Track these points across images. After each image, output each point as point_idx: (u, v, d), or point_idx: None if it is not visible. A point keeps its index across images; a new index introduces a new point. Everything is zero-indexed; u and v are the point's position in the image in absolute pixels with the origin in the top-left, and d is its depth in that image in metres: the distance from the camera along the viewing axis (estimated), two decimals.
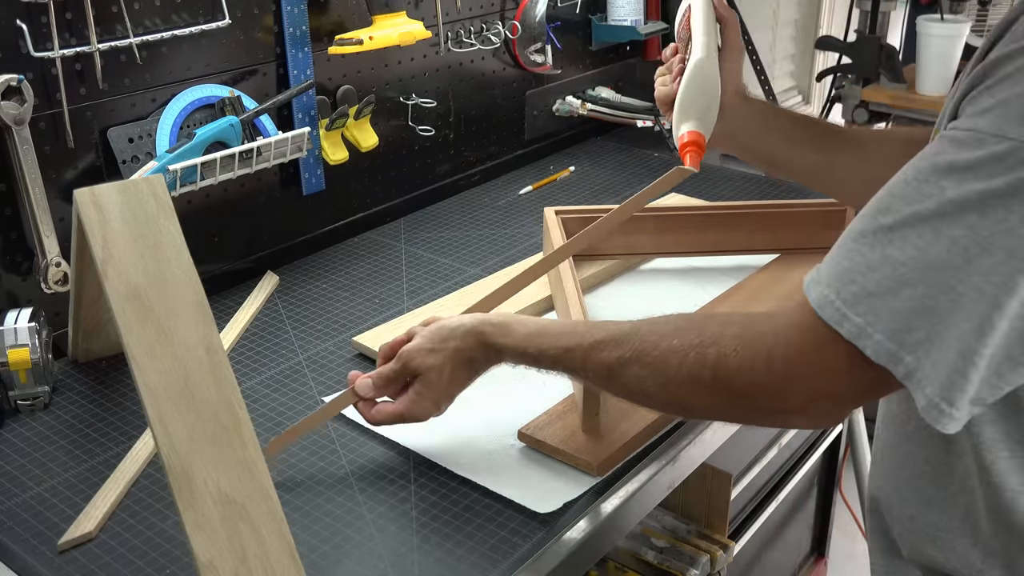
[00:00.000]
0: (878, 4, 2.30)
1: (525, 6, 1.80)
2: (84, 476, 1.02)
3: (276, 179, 1.49)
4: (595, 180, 1.84)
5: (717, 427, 1.11)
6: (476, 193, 1.80)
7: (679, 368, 0.78)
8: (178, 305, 0.84)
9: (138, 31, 1.23)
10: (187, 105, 1.31)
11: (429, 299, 1.35)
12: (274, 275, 1.46)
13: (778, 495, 1.54)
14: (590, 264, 1.40)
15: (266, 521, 0.78)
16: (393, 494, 0.98)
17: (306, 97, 1.46)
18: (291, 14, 1.41)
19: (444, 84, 1.72)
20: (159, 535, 0.93)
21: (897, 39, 2.64)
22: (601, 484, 0.99)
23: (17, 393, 1.11)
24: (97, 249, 0.84)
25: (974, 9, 2.46)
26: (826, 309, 0.69)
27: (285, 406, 1.13)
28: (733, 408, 0.79)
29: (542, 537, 0.92)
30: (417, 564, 0.89)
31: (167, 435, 0.78)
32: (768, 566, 1.64)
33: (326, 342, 1.27)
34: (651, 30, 2.02)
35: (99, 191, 0.87)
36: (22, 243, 1.20)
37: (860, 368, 0.68)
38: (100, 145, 1.25)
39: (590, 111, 1.99)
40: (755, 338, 0.74)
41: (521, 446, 1.04)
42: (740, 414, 0.83)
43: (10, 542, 0.93)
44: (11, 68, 1.12)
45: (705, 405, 0.80)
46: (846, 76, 2.41)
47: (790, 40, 3.46)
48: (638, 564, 1.24)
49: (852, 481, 2.07)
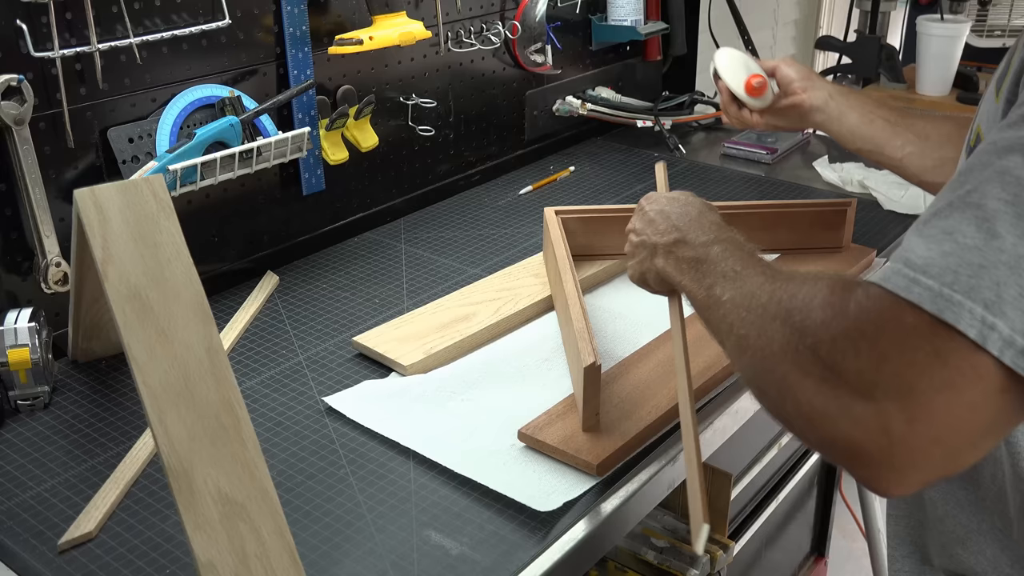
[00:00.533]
0: (878, 4, 2.30)
1: (525, 6, 1.80)
2: (84, 476, 1.02)
3: (276, 179, 1.49)
4: (595, 180, 1.84)
5: (717, 427, 1.11)
6: (476, 193, 1.80)
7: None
8: (178, 305, 0.84)
9: (138, 31, 1.23)
10: (187, 105, 1.31)
11: (429, 299, 1.35)
12: (274, 275, 1.46)
13: (778, 495, 1.54)
14: (590, 264, 1.40)
15: (266, 521, 0.78)
16: (393, 494, 0.98)
17: (306, 97, 1.46)
18: (291, 14, 1.41)
19: (444, 84, 1.72)
20: (159, 535, 0.93)
21: (897, 39, 2.65)
22: (601, 484, 0.99)
23: (17, 393, 1.11)
24: (97, 249, 0.84)
25: (974, 9, 2.46)
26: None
27: (285, 406, 1.13)
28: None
29: (542, 537, 0.92)
30: (417, 564, 0.89)
31: (167, 435, 0.78)
32: (768, 566, 1.64)
33: (326, 342, 1.27)
34: (651, 30, 2.02)
35: (99, 191, 0.87)
36: (22, 243, 1.20)
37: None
38: (100, 145, 1.25)
39: (590, 111, 1.99)
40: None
41: (521, 446, 1.04)
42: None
43: (10, 542, 0.93)
44: (11, 68, 1.12)
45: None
46: (846, 76, 2.41)
47: (790, 40, 3.46)
48: (638, 564, 1.24)
49: (852, 481, 2.07)
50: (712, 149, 2.02)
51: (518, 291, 1.34)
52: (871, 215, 1.61)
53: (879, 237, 1.54)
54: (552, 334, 1.26)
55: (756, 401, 0.69)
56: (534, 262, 1.44)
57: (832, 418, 0.58)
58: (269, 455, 1.03)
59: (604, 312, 1.31)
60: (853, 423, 0.57)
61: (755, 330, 0.67)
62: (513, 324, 1.29)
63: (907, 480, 0.58)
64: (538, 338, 1.26)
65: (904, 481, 0.58)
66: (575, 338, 1.07)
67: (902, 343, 0.56)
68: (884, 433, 0.56)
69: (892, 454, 0.56)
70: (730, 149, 1.97)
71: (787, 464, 1.60)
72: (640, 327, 1.26)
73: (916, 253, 0.58)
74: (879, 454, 0.57)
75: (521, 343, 1.25)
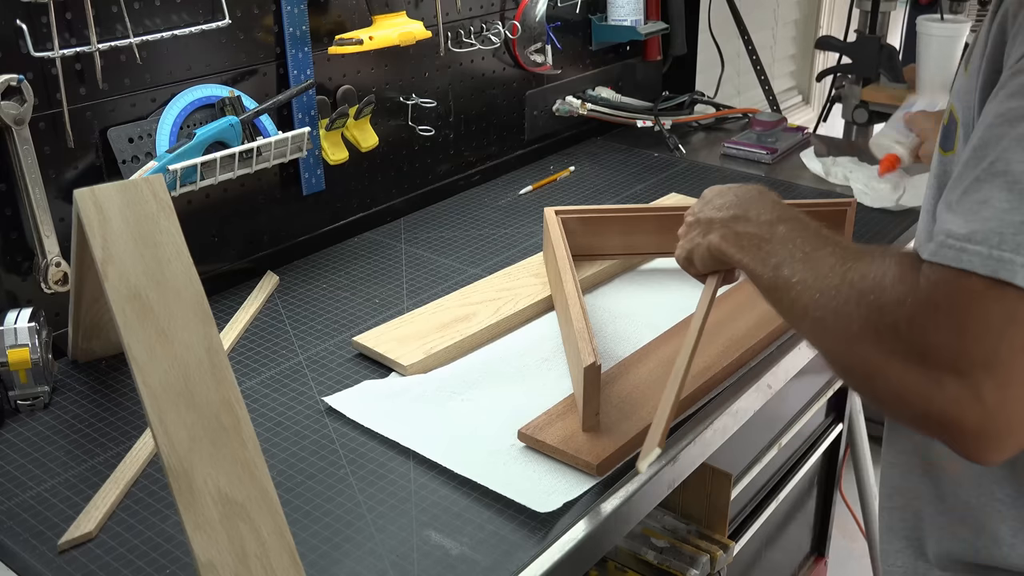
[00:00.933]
0: (878, 4, 2.30)
1: (525, 6, 1.80)
2: (84, 476, 1.02)
3: (276, 179, 1.49)
4: (595, 180, 1.84)
5: (717, 427, 1.11)
6: (476, 193, 1.80)
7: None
8: (178, 305, 0.84)
9: (138, 31, 1.23)
10: (187, 105, 1.31)
11: (429, 299, 1.35)
12: (274, 275, 1.46)
13: (778, 495, 1.54)
14: (590, 264, 1.40)
15: (266, 521, 0.78)
16: (393, 494, 0.98)
17: (306, 97, 1.46)
18: (291, 14, 1.41)
19: (444, 84, 1.72)
20: (159, 535, 0.93)
21: (897, 39, 2.65)
22: (601, 484, 0.99)
23: (17, 393, 1.11)
24: (97, 249, 0.84)
25: (974, 9, 2.46)
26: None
27: (285, 406, 1.13)
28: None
29: (542, 537, 0.92)
30: (417, 564, 0.89)
31: (167, 435, 0.78)
32: (768, 566, 1.64)
33: (326, 342, 1.27)
34: (651, 30, 2.02)
35: (99, 191, 0.87)
36: (22, 243, 1.20)
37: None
38: (100, 145, 1.25)
39: (590, 111, 1.99)
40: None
41: (521, 446, 1.04)
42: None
43: (10, 542, 0.93)
44: (11, 68, 1.12)
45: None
46: (846, 76, 2.41)
47: (790, 40, 3.46)
48: (638, 564, 1.24)
49: (852, 481, 2.07)
50: (712, 149, 2.02)
51: (518, 291, 1.34)
52: (871, 215, 1.61)
53: (879, 237, 1.54)
54: (552, 334, 1.26)
55: (844, 382, 0.71)
56: (534, 262, 1.44)
57: (925, 395, 0.60)
58: (269, 455, 1.03)
59: (604, 312, 1.31)
60: (946, 398, 0.59)
61: (831, 313, 0.67)
62: (513, 324, 1.29)
63: (1005, 445, 0.60)
64: (538, 338, 1.26)
65: (1003, 446, 0.60)
66: (575, 338, 1.07)
67: (974, 311, 0.58)
68: (979, 403, 0.58)
69: (989, 422, 0.58)
70: (730, 149, 1.97)
71: (787, 464, 1.60)
72: (640, 327, 1.26)
73: (957, 226, 0.60)
74: (976, 424, 0.58)
75: (521, 343, 1.25)
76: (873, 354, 0.63)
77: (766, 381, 1.19)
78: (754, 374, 1.19)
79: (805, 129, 2.09)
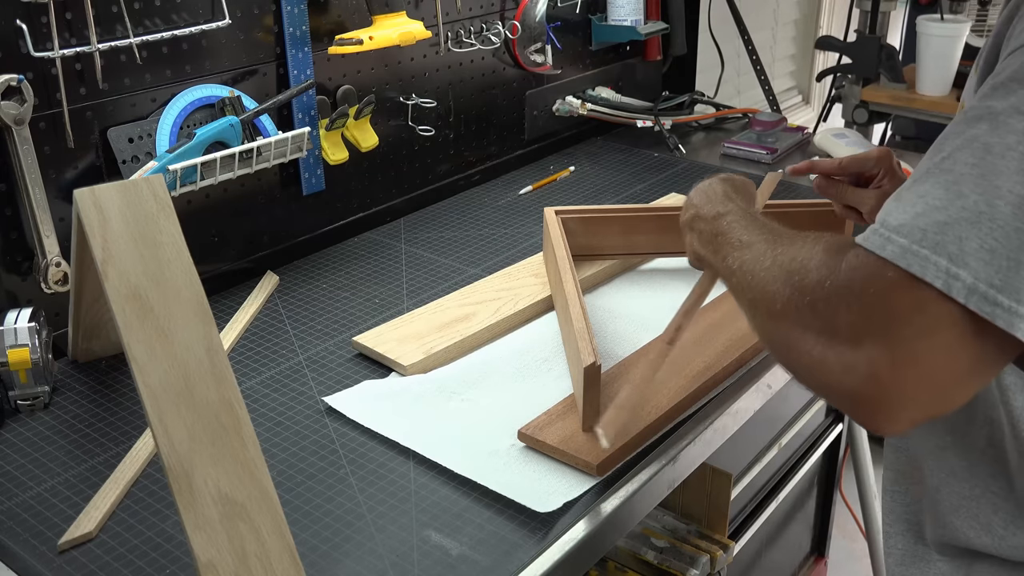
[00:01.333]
0: (878, 4, 2.30)
1: (525, 6, 1.80)
2: (84, 476, 1.02)
3: (276, 179, 1.49)
4: (595, 180, 1.84)
5: (717, 427, 1.11)
6: (476, 193, 1.80)
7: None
8: (178, 305, 0.84)
9: (138, 31, 1.23)
10: (187, 105, 1.31)
11: (429, 299, 1.35)
12: (274, 275, 1.46)
13: (778, 495, 1.54)
14: (590, 264, 1.40)
15: (266, 521, 0.78)
16: (393, 494, 0.98)
17: (306, 97, 1.46)
18: (291, 14, 1.41)
19: (444, 84, 1.72)
20: (159, 535, 0.93)
21: (897, 39, 2.64)
22: (601, 484, 0.99)
23: (17, 393, 1.11)
24: (97, 249, 0.84)
25: (974, 9, 2.46)
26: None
27: (285, 406, 1.13)
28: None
29: (542, 537, 0.92)
30: (417, 564, 0.89)
31: (167, 435, 0.78)
32: (768, 566, 1.64)
33: (326, 342, 1.27)
34: (651, 30, 2.02)
35: (99, 191, 0.87)
36: (22, 243, 1.20)
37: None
38: (100, 145, 1.25)
39: (590, 111, 1.99)
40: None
41: (521, 446, 1.04)
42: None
43: (10, 542, 0.93)
44: (11, 68, 1.12)
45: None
46: (846, 76, 2.41)
47: (790, 40, 3.46)
48: (638, 564, 1.24)
49: (852, 481, 2.07)
50: (712, 149, 2.02)
51: (518, 291, 1.34)
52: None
53: None
54: (552, 334, 1.26)
55: (779, 366, 0.73)
56: (534, 262, 1.44)
57: (829, 366, 0.64)
58: (269, 455, 1.03)
59: (604, 312, 1.31)
60: (846, 370, 0.63)
61: (760, 292, 0.72)
62: (513, 324, 1.29)
63: (897, 418, 0.63)
64: (538, 338, 1.26)
65: (895, 419, 0.63)
66: (575, 338, 1.07)
67: (885, 296, 0.61)
68: (873, 377, 0.61)
69: (882, 396, 0.62)
70: (730, 149, 1.97)
71: (787, 464, 1.60)
72: (640, 327, 1.26)
73: (893, 216, 0.63)
74: (871, 397, 0.62)
75: (521, 343, 1.25)
76: (792, 329, 0.67)
77: (766, 381, 1.19)
78: (754, 374, 1.19)
79: (805, 129, 2.09)
